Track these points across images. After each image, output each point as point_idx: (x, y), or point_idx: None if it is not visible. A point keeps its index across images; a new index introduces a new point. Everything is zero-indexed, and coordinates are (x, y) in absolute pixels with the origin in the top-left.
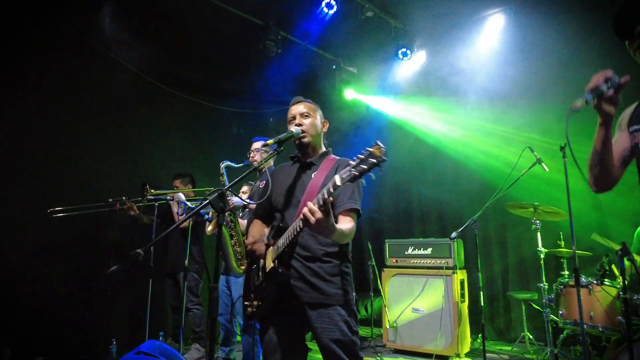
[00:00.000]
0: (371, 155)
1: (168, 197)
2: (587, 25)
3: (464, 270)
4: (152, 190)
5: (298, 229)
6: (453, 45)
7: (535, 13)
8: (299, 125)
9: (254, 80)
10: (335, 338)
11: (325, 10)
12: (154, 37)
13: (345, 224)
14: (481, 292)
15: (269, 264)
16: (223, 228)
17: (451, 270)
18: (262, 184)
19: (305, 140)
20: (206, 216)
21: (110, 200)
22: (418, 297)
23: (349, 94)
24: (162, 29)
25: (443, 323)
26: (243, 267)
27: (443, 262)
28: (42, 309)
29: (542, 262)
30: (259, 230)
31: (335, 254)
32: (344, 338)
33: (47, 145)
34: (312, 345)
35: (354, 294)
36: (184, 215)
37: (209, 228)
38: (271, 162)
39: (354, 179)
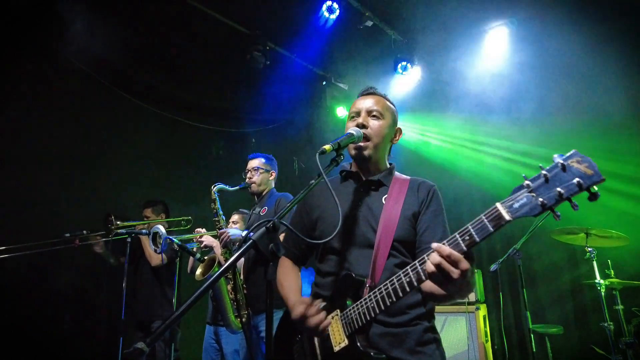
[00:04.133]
0: (572, 172)
1: (143, 230)
2: (597, 38)
3: (485, 305)
4: (118, 222)
5: (406, 288)
6: (457, 59)
7: (539, 26)
8: (362, 126)
9: (236, 94)
10: None
11: (326, 14)
12: (124, 42)
13: None
14: (532, 335)
15: (340, 340)
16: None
17: (474, 306)
18: (263, 211)
19: (366, 152)
20: (198, 255)
21: (68, 235)
22: None
23: (341, 111)
24: (134, 32)
25: None
26: (243, 320)
27: None
28: None
29: (602, 296)
30: (294, 279)
31: (423, 315)
32: None
33: None
34: None
35: None
36: (163, 253)
37: (199, 272)
38: (270, 181)
39: (541, 209)
